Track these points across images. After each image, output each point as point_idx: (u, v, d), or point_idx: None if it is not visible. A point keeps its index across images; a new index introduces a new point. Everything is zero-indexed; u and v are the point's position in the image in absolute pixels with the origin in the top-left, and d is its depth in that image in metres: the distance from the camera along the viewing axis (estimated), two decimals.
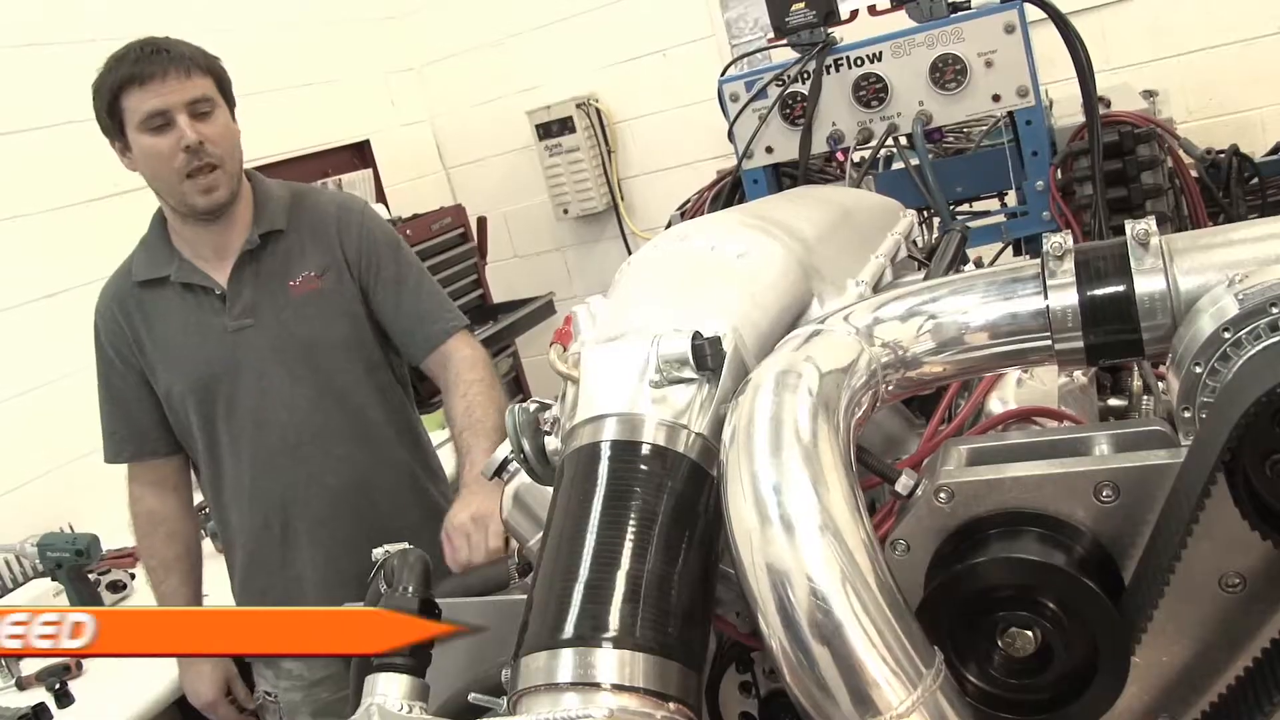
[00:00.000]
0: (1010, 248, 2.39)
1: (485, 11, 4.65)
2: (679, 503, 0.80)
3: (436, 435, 3.26)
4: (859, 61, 2.14)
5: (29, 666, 2.40)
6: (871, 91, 2.14)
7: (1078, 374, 1.22)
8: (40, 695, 2.31)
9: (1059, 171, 2.12)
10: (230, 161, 1.91)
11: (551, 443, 0.94)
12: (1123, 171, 2.06)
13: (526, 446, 0.94)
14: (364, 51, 4.64)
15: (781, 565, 0.69)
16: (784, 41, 2.25)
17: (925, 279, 1.22)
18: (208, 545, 2.41)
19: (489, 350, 4.00)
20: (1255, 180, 2.57)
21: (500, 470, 1.22)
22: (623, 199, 4.62)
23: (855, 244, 1.20)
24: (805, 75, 2.17)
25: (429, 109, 4.91)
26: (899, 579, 0.73)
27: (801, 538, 0.69)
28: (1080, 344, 0.87)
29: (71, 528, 2.85)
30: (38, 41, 3.27)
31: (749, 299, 0.93)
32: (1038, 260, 0.89)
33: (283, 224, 1.99)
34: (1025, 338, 0.89)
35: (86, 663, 2.35)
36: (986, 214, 2.32)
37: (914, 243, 1.44)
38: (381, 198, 4.34)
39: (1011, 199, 2.32)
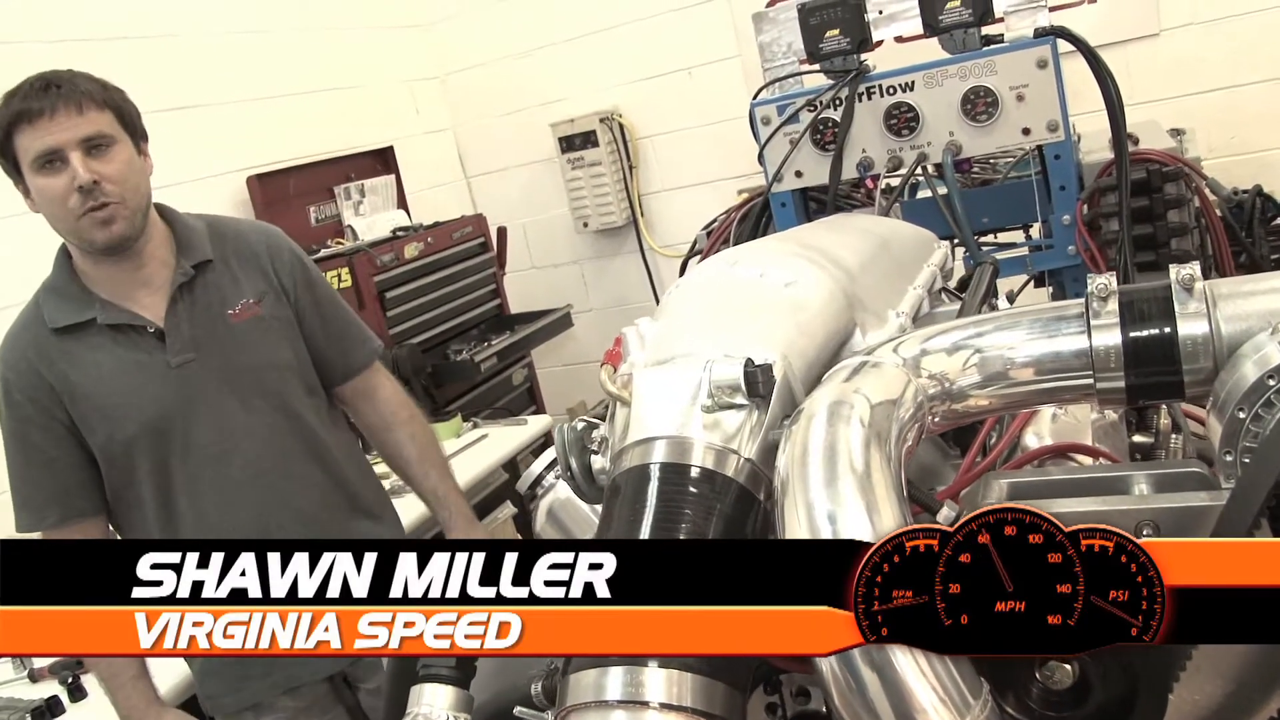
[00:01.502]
0: (1032, 280, 2.41)
1: (511, 23, 4.69)
2: (727, 526, 0.82)
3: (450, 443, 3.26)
4: (891, 90, 2.16)
5: (41, 659, 2.40)
6: (903, 120, 2.15)
7: (1109, 410, 1.23)
8: (53, 688, 2.33)
9: (1085, 206, 2.14)
10: (133, 198, 1.81)
11: (598, 461, 0.96)
12: (1149, 209, 2.08)
13: (574, 464, 0.96)
14: (390, 58, 4.68)
15: None
16: (817, 67, 2.28)
17: (960, 311, 1.24)
18: None
19: (505, 360, 4.06)
20: (1278, 220, 2.58)
21: (535, 485, 1.24)
22: (643, 214, 4.65)
23: (894, 274, 1.22)
24: (837, 101, 2.19)
25: (452, 118, 4.95)
26: None
27: None
28: (1121, 384, 0.88)
29: None
30: (72, 38, 3.30)
31: (797, 327, 0.95)
32: (1081, 300, 0.91)
33: (209, 254, 1.93)
34: (1068, 375, 0.90)
35: None
36: (1011, 246, 2.33)
37: None
38: (403, 204, 4.37)
39: (1036, 231, 2.33)
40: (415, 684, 0.90)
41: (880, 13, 2.22)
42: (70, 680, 2.31)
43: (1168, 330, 0.86)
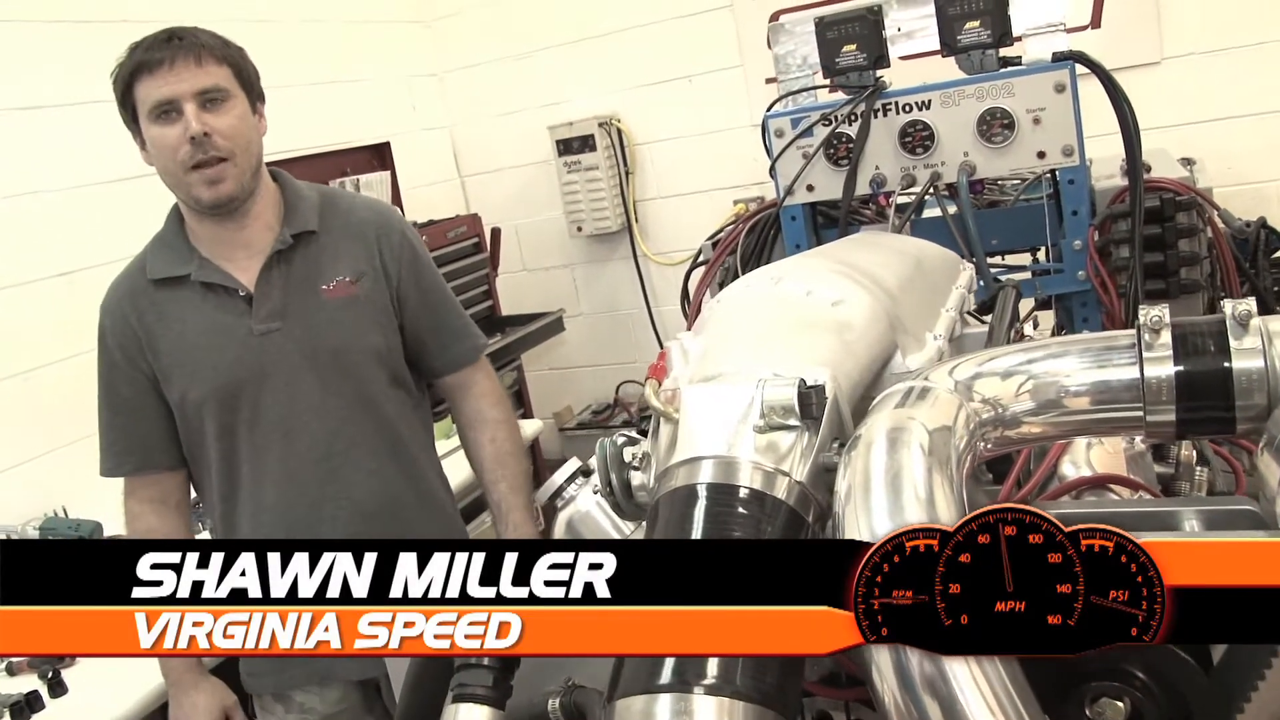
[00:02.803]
0: (1037, 305, 2.40)
1: (512, 23, 4.67)
2: None
3: (443, 444, 3.24)
4: (907, 108, 2.15)
5: None
6: (918, 138, 2.14)
7: (1137, 440, 1.22)
8: (33, 682, 2.27)
9: (1097, 232, 2.13)
10: (243, 156, 1.81)
11: (638, 478, 0.94)
12: (1161, 237, 2.07)
13: (614, 480, 0.94)
14: (389, 54, 4.64)
15: None
16: (829, 82, 2.27)
17: (989, 335, 1.23)
18: None
19: (496, 362, 4.02)
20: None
21: (555, 497, 1.21)
22: (637, 221, 4.63)
23: (928, 296, 1.21)
24: (853, 117, 2.18)
25: (449, 116, 4.92)
26: None
27: None
28: (1172, 417, 0.87)
29: (65, 511, 2.82)
30: (69, 19, 3.25)
31: (844, 347, 0.93)
32: (1133, 330, 0.90)
33: (315, 225, 1.89)
34: (1118, 407, 0.89)
35: None
36: (1020, 269, 2.33)
37: None
38: (397, 201, 4.33)
39: (1044, 255, 2.33)
40: (449, 702, 0.87)
41: (899, 29, 2.21)
42: (50, 675, 2.26)
43: (1223, 365, 0.85)
